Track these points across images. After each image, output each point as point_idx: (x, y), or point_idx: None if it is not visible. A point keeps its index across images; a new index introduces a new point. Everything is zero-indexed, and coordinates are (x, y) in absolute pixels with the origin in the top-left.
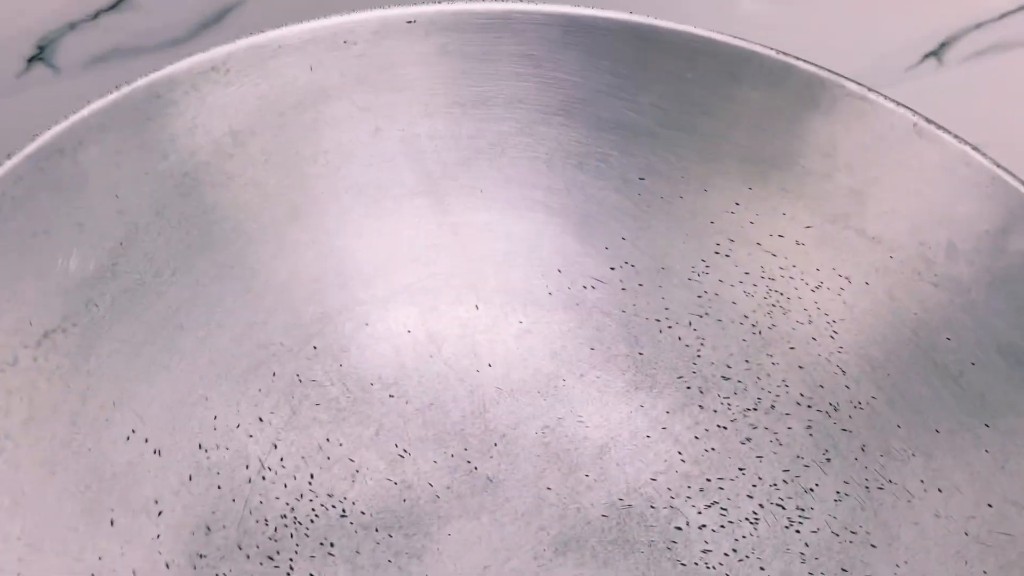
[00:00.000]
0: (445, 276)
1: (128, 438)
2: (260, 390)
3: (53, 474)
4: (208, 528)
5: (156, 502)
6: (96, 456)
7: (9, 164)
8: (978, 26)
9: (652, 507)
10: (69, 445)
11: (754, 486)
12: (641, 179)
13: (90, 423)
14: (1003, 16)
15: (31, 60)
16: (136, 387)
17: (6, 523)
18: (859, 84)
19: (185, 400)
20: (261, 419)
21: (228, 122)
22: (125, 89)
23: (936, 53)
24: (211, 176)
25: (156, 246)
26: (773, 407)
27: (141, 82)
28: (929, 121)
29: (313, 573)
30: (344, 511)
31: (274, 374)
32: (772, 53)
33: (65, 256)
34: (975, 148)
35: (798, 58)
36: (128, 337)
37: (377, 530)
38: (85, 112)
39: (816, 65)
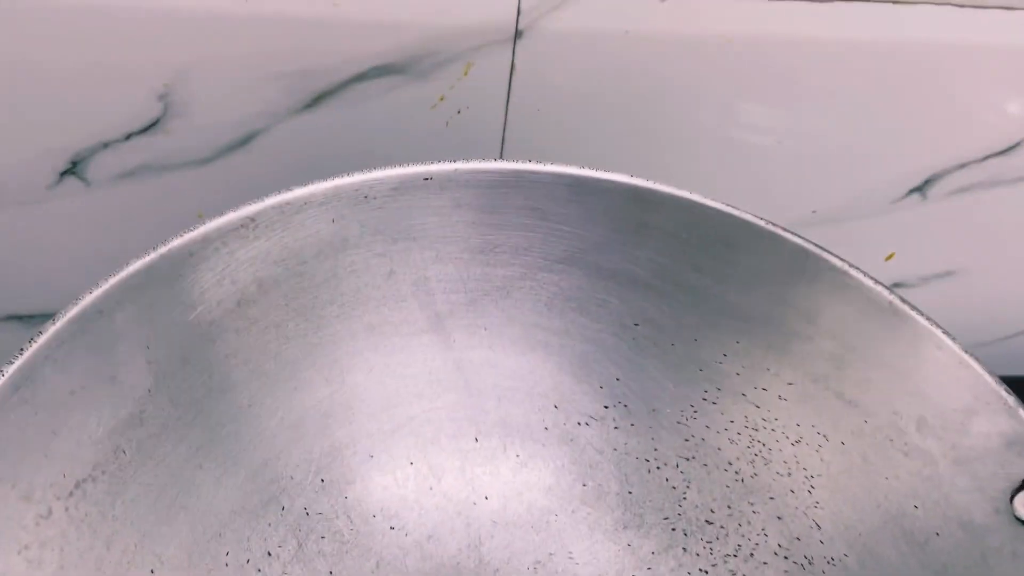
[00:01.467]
0: (448, 409)
1: None
2: (270, 524)
3: None
4: None
5: None
6: None
7: (53, 329)
8: (962, 166)
9: None
10: None
11: None
12: (636, 325)
13: (113, 567)
14: (987, 157)
15: (63, 174)
16: (157, 529)
17: None
18: (841, 259)
19: (200, 538)
20: (269, 553)
21: (254, 272)
22: (162, 249)
23: (920, 188)
24: (235, 322)
25: (181, 391)
26: (752, 555)
27: (177, 242)
28: (904, 301)
29: None
30: None
31: (283, 508)
32: (761, 223)
33: (99, 413)
34: (945, 332)
35: (785, 229)
36: (151, 480)
37: None
38: (123, 273)
39: (802, 237)
